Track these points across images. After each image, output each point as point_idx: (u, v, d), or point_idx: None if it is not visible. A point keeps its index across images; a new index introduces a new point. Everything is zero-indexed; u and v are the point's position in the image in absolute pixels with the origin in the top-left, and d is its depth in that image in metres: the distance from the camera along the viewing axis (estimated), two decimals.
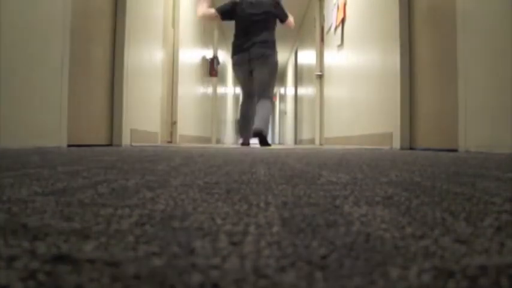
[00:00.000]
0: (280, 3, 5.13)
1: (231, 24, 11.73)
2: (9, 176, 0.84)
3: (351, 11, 5.97)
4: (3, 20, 2.31)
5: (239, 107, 5.53)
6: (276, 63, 5.03)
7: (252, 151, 2.85)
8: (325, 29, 8.06)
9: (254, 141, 5.68)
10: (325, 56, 8.21)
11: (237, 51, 5.05)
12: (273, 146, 5.46)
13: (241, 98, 5.35)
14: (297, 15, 10.81)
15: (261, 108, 4.95)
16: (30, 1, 2.58)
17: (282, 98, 19.13)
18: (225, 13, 5.14)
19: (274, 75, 5.06)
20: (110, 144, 4.13)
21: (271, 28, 5.04)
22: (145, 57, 4.83)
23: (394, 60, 4.16)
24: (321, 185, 0.78)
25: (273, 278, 0.27)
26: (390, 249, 0.34)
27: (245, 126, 5.22)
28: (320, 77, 8.60)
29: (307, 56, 10.47)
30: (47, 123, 2.81)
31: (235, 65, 5.13)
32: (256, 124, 4.84)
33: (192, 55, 7.64)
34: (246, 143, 5.28)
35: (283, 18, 5.12)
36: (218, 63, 9.98)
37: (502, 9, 2.49)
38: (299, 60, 12.37)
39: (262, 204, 0.55)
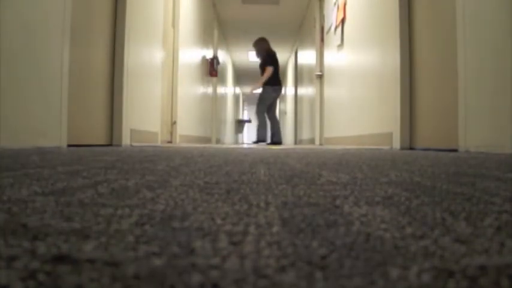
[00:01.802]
0: None
1: (230, 25, 11.75)
2: (9, 176, 0.84)
3: (351, 11, 5.97)
4: (3, 20, 2.31)
5: (266, 119, 7.81)
6: None
7: (252, 151, 2.85)
8: (325, 29, 8.06)
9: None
10: (325, 56, 8.21)
11: (278, 83, 7.73)
12: (273, 146, 5.58)
13: (264, 113, 7.76)
14: (297, 16, 10.81)
15: (277, 121, 7.85)
16: (30, 1, 2.58)
17: (282, 98, 19.16)
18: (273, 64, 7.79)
19: None
20: (110, 144, 4.13)
21: None
22: (145, 57, 4.83)
23: (394, 60, 4.16)
24: (321, 185, 0.78)
25: (273, 278, 0.27)
26: (390, 249, 0.34)
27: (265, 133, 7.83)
28: (320, 77, 8.60)
29: (307, 56, 10.47)
30: (47, 123, 2.81)
31: (275, 91, 7.71)
32: (279, 138, 7.80)
33: (192, 55, 7.64)
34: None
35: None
36: (218, 63, 9.97)
37: (502, 9, 2.49)
38: (299, 60, 12.37)
39: (262, 204, 0.55)
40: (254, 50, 7.93)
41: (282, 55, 15.19)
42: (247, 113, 29.24)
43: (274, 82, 7.74)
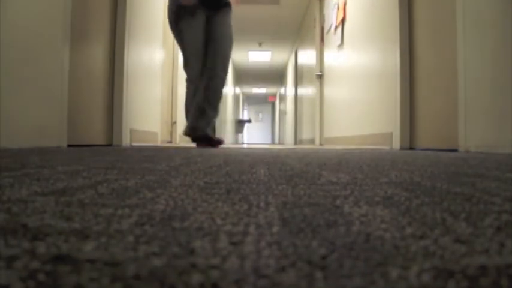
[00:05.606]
0: None
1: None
2: (9, 176, 0.84)
3: (351, 11, 5.96)
4: (3, 20, 2.31)
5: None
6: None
7: (252, 151, 2.85)
8: (325, 29, 8.06)
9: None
10: (325, 56, 8.21)
11: None
12: (272, 146, 5.53)
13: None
14: (297, 16, 10.81)
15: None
16: (30, 1, 2.58)
17: (282, 98, 19.15)
18: None
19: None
20: (110, 144, 4.12)
21: None
22: (145, 57, 4.82)
23: (394, 60, 4.16)
24: (321, 185, 0.78)
25: (273, 278, 0.27)
26: (390, 249, 0.34)
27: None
28: (320, 77, 8.60)
29: (307, 56, 10.47)
30: (47, 123, 2.80)
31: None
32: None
33: None
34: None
35: None
36: None
37: (502, 9, 2.49)
38: (299, 60, 12.37)
39: (262, 204, 0.55)
40: None
41: (282, 55, 15.19)
42: (247, 113, 29.27)
43: None
